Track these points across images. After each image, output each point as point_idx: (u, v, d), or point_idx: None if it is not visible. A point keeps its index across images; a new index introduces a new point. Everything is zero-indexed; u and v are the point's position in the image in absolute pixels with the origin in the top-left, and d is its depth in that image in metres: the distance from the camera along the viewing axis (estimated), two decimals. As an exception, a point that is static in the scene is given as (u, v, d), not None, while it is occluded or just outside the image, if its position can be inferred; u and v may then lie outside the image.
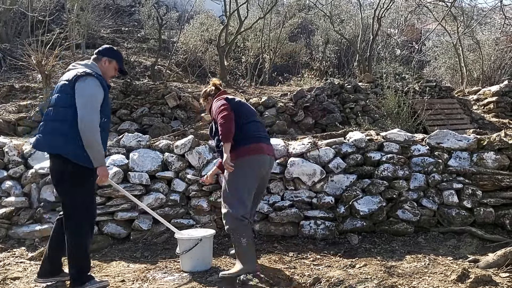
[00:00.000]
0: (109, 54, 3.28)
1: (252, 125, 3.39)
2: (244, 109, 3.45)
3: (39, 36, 7.86)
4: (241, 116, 3.35)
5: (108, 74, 3.30)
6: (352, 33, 13.58)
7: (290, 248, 3.90)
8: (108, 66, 3.27)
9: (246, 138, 3.30)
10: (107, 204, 4.17)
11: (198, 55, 12.95)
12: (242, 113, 3.37)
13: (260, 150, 3.31)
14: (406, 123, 6.81)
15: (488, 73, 11.93)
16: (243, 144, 3.28)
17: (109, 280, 3.23)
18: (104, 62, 3.26)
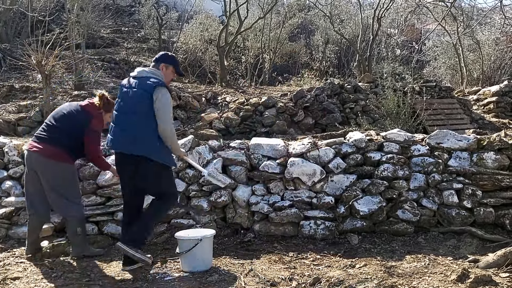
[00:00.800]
0: (166, 60, 3.57)
1: (42, 126, 3.74)
2: (52, 113, 3.83)
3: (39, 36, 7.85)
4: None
5: (168, 79, 3.57)
6: (352, 33, 13.57)
7: (290, 248, 3.90)
8: (167, 72, 3.55)
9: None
10: (107, 204, 4.18)
11: (198, 55, 12.94)
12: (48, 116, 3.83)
13: (27, 146, 3.71)
14: (406, 123, 6.81)
15: (488, 73, 11.93)
16: None
17: (109, 280, 3.23)
18: (162, 68, 3.53)
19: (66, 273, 3.38)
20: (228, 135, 6.87)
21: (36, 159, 3.58)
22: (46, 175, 3.59)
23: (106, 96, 3.85)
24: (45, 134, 3.64)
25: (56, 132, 3.62)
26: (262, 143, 4.46)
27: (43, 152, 3.56)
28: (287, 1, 15.32)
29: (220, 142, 4.61)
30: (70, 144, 3.62)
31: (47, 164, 3.56)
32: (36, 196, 3.65)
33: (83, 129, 3.64)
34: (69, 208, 3.64)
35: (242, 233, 4.21)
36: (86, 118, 3.68)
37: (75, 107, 3.75)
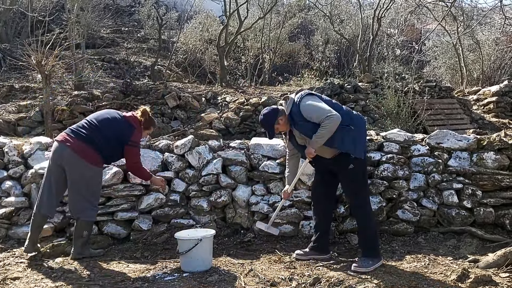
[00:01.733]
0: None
1: (80, 123, 3.74)
2: (95, 113, 3.88)
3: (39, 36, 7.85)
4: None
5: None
6: (352, 33, 13.58)
7: (290, 248, 3.90)
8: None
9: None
10: (107, 204, 4.17)
11: (198, 55, 12.96)
12: (90, 115, 3.85)
13: (59, 138, 3.65)
14: (406, 123, 6.81)
15: (488, 73, 11.93)
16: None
17: (109, 280, 3.24)
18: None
19: (66, 273, 3.37)
20: (228, 135, 6.88)
21: (69, 154, 3.53)
22: (74, 173, 3.57)
23: (149, 112, 3.87)
24: (85, 132, 3.59)
25: (97, 133, 3.59)
26: (262, 143, 4.46)
27: (78, 149, 3.53)
28: (287, 1, 15.32)
29: (220, 142, 4.61)
30: (106, 149, 3.62)
31: (79, 162, 3.54)
32: (56, 192, 3.63)
33: (124, 139, 3.66)
34: (86, 211, 3.65)
35: (242, 233, 4.21)
36: (130, 129, 3.71)
37: (119, 116, 3.76)
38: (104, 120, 3.67)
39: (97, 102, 7.34)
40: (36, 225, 3.64)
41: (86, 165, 3.56)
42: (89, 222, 3.70)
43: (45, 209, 3.62)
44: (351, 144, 3.39)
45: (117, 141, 3.65)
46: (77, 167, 3.56)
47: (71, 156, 3.53)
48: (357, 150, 3.41)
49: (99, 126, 3.63)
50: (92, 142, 3.57)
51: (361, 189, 3.52)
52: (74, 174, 3.57)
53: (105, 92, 7.65)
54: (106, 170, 4.17)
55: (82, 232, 3.67)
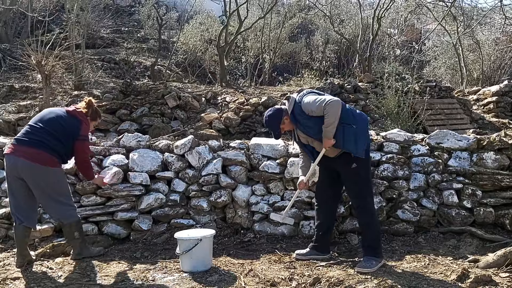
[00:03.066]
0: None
1: (25, 129, 3.56)
2: (37, 115, 3.68)
3: (39, 36, 7.85)
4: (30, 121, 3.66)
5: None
6: (352, 33, 13.57)
7: (290, 248, 3.90)
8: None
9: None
10: (107, 204, 4.17)
11: (198, 55, 12.95)
12: (32, 119, 3.66)
13: (6, 151, 3.51)
14: (406, 123, 6.80)
15: (488, 73, 11.93)
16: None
17: (109, 280, 3.24)
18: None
19: (66, 273, 3.38)
20: (228, 135, 6.88)
21: (24, 165, 3.39)
22: (37, 181, 3.44)
23: (93, 103, 3.78)
24: (32, 137, 3.45)
25: (45, 135, 3.46)
26: (262, 143, 4.46)
27: (31, 157, 3.38)
28: (287, 1, 15.32)
29: (220, 142, 4.61)
30: (58, 148, 3.50)
31: (37, 170, 3.41)
32: (26, 204, 3.52)
33: (73, 134, 3.56)
34: (66, 212, 3.58)
35: (242, 233, 4.21)
36: (76, 123, 3.60)
37: (63, 112, 3.62)
38: (49, 120, 3.53)
39: (97, 102, 7.32)
40: (21, 238, 3.52)
41: (45, 169, 3.43)
42: (74, 222, 3.62)
43: (28, 222, 3.52)
44: (353, 143, 3.37)
45: (67, 138, 3.53)
46: (37, 175, 3.43)
47: (26, 166, 3.39)
48: (359, 149, 3.38)
49: (45, 127, 3.49)
50: (42, 145, 3.43)
51: (364, 189, 3.51)
52: (36, 182, 3.45)
53: (105, 92, 7.65)
54: (106, 170, 4.18)
55: (73, 234, 3.62)
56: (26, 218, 3.53)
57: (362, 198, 3.50)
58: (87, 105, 3.73)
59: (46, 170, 3.45)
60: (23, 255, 3.53)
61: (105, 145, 4.52)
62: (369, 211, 3.50)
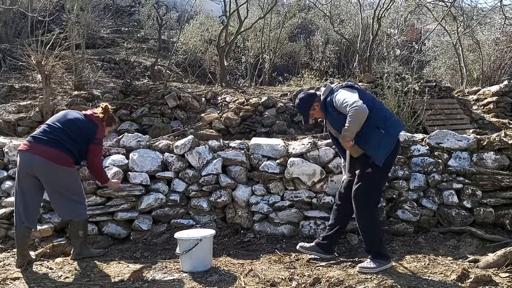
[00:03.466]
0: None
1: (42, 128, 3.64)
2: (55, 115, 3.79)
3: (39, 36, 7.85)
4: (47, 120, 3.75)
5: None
6: (352, 33, 13.57)
7: (290, 248, 3.90)
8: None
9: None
10: (107, 204, 4.18)
11: (198, 55, 12.95)
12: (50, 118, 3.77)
13: (21, 147, 3.55)
14: (406, 123, 6.80)
15: (488, 73, 11.92)
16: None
17: (109, 280, 3.24)
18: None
19: (66, 273, 3.38)
20: (228, 135, 6.88)
21: (40, 163, 3.44)
22: (51, 180, 3.50)
23: (109, 109, 3.87)
24: (49, 136, 3.52)
25: (62, 135, 3.53)
26: (262, 143, 4.46)
27: (48, 155, 3.44)
28: (287, 1, 15.32)
29: (220, 142, 4.61)
30: (74, 149, 3.58)
31: (53, 169, 3.46)
32: (32, 203, 3.56)
33: (88, 137, 3.64)
34: (77, 210, 3.63)
35: (242, 233, 4.21)
36: (93, 127, 3.70)
37: (80, 115, 3.73)
38: (67, 121, 3.62)
39: (97, 102, 7.33)
40: (21, 238, 3.54)
41: (60, 168, 3.49)
42: (81, 221, 3.66)
43: (26, 222, 3.53)
44: (374, 148, 3.25)
45: (83, 140, 3.63)
46: (52, 173, 3.48)
47: (42, 164, 3.44)
48: (379, 156, 3.25)
49: (63, 128, 3.57)
50: (59, 145, 3.49)
51: (371, 197, 3.38)
52: (51, 180, 3.50)
53: (105, 92, 7.65)
54: (106, 170, 4.18)
55: (78, 232, 3.65)
56: (28, 218, 3.54)
57: (365, 203, 3.36)
58: (104, 110, 3.84)
59: (62, 169, 3.51)
60: (23, 255, 3.53)
61: (105, 145, 4.51)
62: (368, 217, 3.37)
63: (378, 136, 3.24)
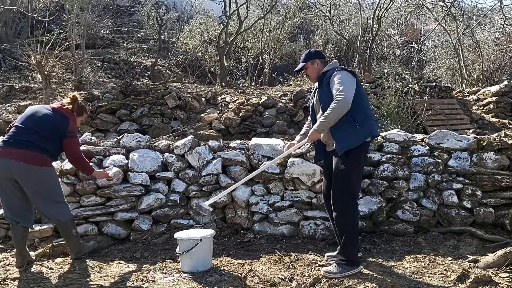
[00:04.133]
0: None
1: (10, 130, 3.55)
2: (22, 115, 3.62)
3: (39, 36, 7.86)
4: (15, 121, 3.60)
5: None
6: (352, 34, 13.58)
7: (290, 248, 3.90)
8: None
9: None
10: (107, 204, 4.17)
11: (198, 55, 12.96)
12: (18, 119, 3.60)
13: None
14: (406, 123, 6.81)
15: (488, 73, 11.94)
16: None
17: (109, 280, 3.24)
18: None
19: (66, 273, 3.38)
20: (228, 135, 6.88)
21: (17, 167, 3.35)
22: (30, 182, 3.43)
23: (78, 98, 3.72)
24: (21, 138, 3.41)
25: (33, 135, 3.42)
26: (262, 143, 4.46)
27: (23, 158, 3.35)
28: (287, 1, 15.32)
29: (220, 142, 4.61)
30: (48, 147, 3.48)
31: (30, 170, 3.39)
32: (20, 204, 3.51)
33: (61, 132, 3.52)
34: (60, 210, 3.57)
35: (242, 233, 4.21)
36: (64, 121, 3.56)
37: (48, 110, 3.57)
38: (36, 120, 3.49)
39: (97, 102, 7.34)
40: (19, 238, 3.51)
41: (38, 169, 3.41)
42: (69, 220, 3.61)
43: (21, 222, 3.51)
44: (342, 136, 3.21)
45: (56, 136, 3.51)
46: (31, 175, 3.41)
47: (20, 167, 3.37)
48: (341, 144, 3.22)
49: (33, 127, 3.47)
50: (32, 146, 3.41)
51: (340, 193, 3.28)
52: (30, 183, 3.43)
53: (105, 93, 7.66)
54: (106, 170, 4.18)
55: (71, 231, 3.62)
56: (22, 218, 3.52)
57: (339, 201, 3.29)
58: (72, 100, 3.67)
59: (42, 170, 3.44)
60: (22, 256, 3.53)
61: (105, 145, 4.52)
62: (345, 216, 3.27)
63: (351, 128, 3.21)
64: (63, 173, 4.11)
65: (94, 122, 7.00)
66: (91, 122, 6.99)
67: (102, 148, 4.44)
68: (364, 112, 3.29)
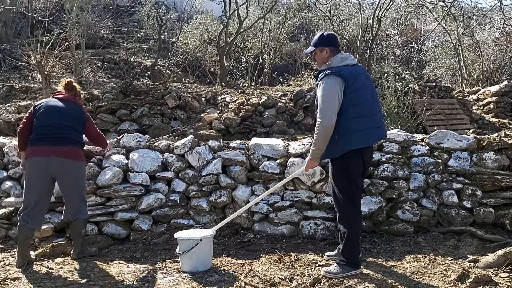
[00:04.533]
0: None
1: (38, 129, 3.60)
2: (40, 113, 3.63)
3: (39, 36, 7.86)
4: (36, 120, 3.64)
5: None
6: (352, 33, 13.58)
7: (290, 248, 3.90)
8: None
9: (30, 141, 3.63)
10: (107, 204, 4.17)
11: (198, 55, 12.96)
12: (37, 118, 3.64)
13: (31, 153, 3.56)
14: (406, 123, 6.81)
15: (487, 73, 11.93)
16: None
17: (109, 280, 3.24)
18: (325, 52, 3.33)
19: (66, 273, 3.38)
20: (228, 135, 6.88)
21: (57, 163, 3.51)
22: (70, 177, 3.60)
23: (72, 82, 3.95)
24: (57, 135, 3.56)
25: (68, 131, 3.61)
26: (262, 143, 4.46)
27: (63, 154, 3.52)
28: (287, 1, 15.32)
29: (220, 142, 4.61)
30: (80, 139, 3.71)
31: (69, 165, 3.57)
32: (42, 205, 3.61)
33: (82, 119, 3.75)
34: (83, 209, 3.71)
35: (242, 233, 4.21)
36: (79, 108, 3.80)
37: (61, 103, 3.72)
38: (63, 115, 3.65)
39: (97, 102, 7.33)
40: (23, 238, 3.55)
41: (76, 163, 3.63)
42: (85, 219, 3.75)
43: (32, 223, 3.55)
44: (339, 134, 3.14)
45: (81, 125, 3.75)
46: (70, 170, 3.58)
47: (60, 163, 3.53)
48: (324, 154, 3.22)
49: (63, 122, 3.61)
50: (69, 140, 3.59)
51: (337, 198, 3.30)
52: (70, 178, 3.60)
53: (105, 93, 7.65)
54: (106, 170, 4.19)
55: (81, 231, 3.70)
56: (34, 219, 3.56)
57: (338, 204, 3.31)
58: (71, 87, 3.90)
59: (79, 164, 3.66)
60: (23, 256, 3.54)
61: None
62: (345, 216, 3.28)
63: (331, 139, 3.14)
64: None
65: (94, 122, 6.99)
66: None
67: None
68: (347, 124, 3.13)
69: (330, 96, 3.11)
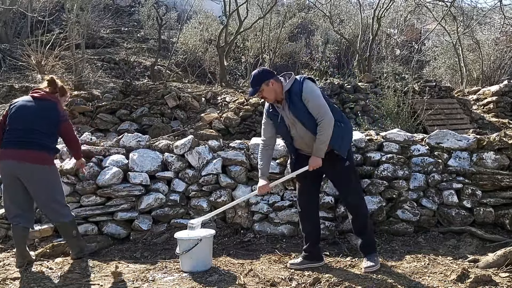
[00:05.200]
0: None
1: (8, 132, 3.47)
2: (12, 114, 3.49)
3: (39, 36, 7.86)
4: (8, 121, 3.50)
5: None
6: (352, 33, 13.58)
7: (290, 248, 3.90)
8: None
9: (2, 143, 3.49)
10: (107, 204, 4.17)
11: (198, 55, 12.95)
12: (9, 119, 3.50)
13: (2, 156, 3.43)
14: (406, 123, 6.81)
15: (487, 73, 11.94)
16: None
17: (109, 280, 3.23)
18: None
19: (66, 273, 3.38)
20: (228, 135, 6.88)
21: (21, 167, 3.38)
22: (34, 181, 3.44)
23: (55, 80, 3.65)
24: (22, 139, 3.40)
25: (33, 135, 3.41)
26: (262, 143, 4.45)
27: (27, 158, 3.36)
28: (287, 1, 15.32)
29: (220, 142, 4.61)
30: (48, 143, 3.48)
31: (34, 169, 3.40)
32: (23, 204, 3.52)
33: (54, 120, 3.50)
34: (61, 211, 3.58)
35: (242, 233, 4.21)
36: (53, 106, 3.52)
37: (32, 101, 3.50)
38: (27, 116, 3.44)
39: (97, 102, 7.33)
40: (19, 238, 3.52)
41: (42, 168, 3.44)
42: (70, 221, 3.63)
43: (24, 222, 3.51)
44: (339, 140, 3.30)
45: (51, 127, 3.49)
46: (35, 175, 3.42)
47: (24, 167, 3.38)
48: (342, 148, 3.31)
49: (29, 126, 3.42)
50: (34, 145, 3.41)
51: (356, 188, 3.52)
52: (34, 182, 3.44)
53: (105, 92, 7.65)
54: (106, 170, 4.19)
55: (71, 232, 3.64)
56: (23, 218, 3.52)
57: (357, 195, 3.49)
58: (50, 84, 3.61)
59: (45, 169, 3.47)
60: (23, 255, 3.53)
61: (105, 145, 4.52)
62: (365, 210, 3.53)
63: (339, 129, 3.31)
64: (63, 173, 4.11)
65: (94, 122, 6.99)
66: (91, 122, 6.99)
67: (102, 148, 4.44)
68: (339, 112, 3.47)
69: (320, 94, 3.33)
